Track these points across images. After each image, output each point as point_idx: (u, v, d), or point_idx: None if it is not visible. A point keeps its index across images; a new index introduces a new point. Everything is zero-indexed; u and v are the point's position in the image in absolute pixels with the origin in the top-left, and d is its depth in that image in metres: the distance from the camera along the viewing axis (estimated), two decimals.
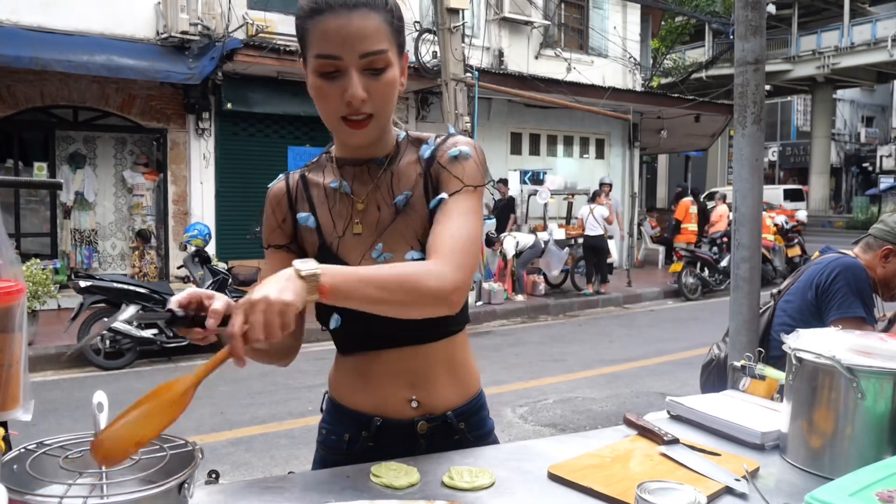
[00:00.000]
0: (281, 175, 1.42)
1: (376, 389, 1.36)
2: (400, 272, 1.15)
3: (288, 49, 9.93)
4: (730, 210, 8.29)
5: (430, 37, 10.64)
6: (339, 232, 1.35)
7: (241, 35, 10.02)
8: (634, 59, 15.69)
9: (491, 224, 10.87)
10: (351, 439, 1.37)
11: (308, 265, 1.05)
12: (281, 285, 1.01)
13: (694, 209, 14.02)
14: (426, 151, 1.35)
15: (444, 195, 1.28)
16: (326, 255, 1.33)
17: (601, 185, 12.22)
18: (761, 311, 2.65)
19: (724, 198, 14.62)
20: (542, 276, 11.36)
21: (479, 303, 10.13)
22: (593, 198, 11.61)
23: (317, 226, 1.36)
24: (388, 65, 1.21)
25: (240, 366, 1.00)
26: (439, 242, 1.21)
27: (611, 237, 11.75)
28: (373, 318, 1.17)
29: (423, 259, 1.24)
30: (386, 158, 1.35)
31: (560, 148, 14.70)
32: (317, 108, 1.26)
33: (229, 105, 10.37)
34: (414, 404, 1.35)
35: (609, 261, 11.58)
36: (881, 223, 2.50)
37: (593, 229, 11.15)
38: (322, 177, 1.38)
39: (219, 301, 1.06)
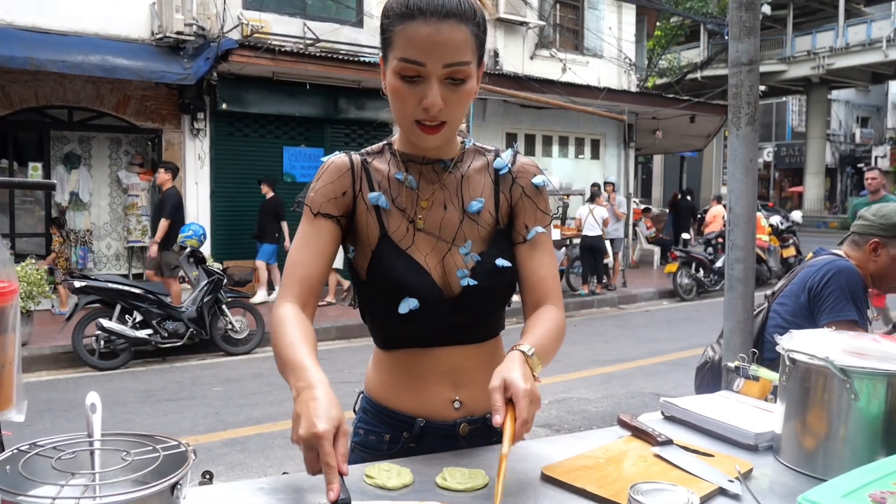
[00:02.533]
0: (338, 152, 1.40)
1: (421, 388, 1.36)
2: (557, 327, 1.32)
3: (283, 49, 9.93)
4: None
5: None
6: (404, 225, 1.35)
7: (236, 35, 10.01)
8: (630, 59, 15.71)
9: None
10: (391, 440, 1.37)
11: (526, 347, 1.20)
12: (525, 371, 1.13)
13: None
14: (501, 165, 1.41)
15: (542, 229, 1.39)
16: (388, 246, 1.33)
17: (606, 184, 12.21)
18: (755, 312, 2.66)
19: (719, 198, 14.66)
20: None
21: None
22: (593, 198, 11.61)
23: (382, 211, 1.35)
24: (468, 76, 1.23)
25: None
26: (551, 285, 1.38)
27: (611, 239, 11.75)
28: (449, 308, 1.32)
29: (510, 265, 1.36)
30: (451, 161, 1.38)
31: (555, 148, 14.71)
32: (391, 105, 1.28)
33: (224, 105, 10.35)
34: (456, 405, 1.36)
35: (605, 261, 11.60)
36: (861, 219, 2.51)
37: (592, 229, 11.16)
38: (386, 166, 1.38)
39: (341, 444, 1.02)
